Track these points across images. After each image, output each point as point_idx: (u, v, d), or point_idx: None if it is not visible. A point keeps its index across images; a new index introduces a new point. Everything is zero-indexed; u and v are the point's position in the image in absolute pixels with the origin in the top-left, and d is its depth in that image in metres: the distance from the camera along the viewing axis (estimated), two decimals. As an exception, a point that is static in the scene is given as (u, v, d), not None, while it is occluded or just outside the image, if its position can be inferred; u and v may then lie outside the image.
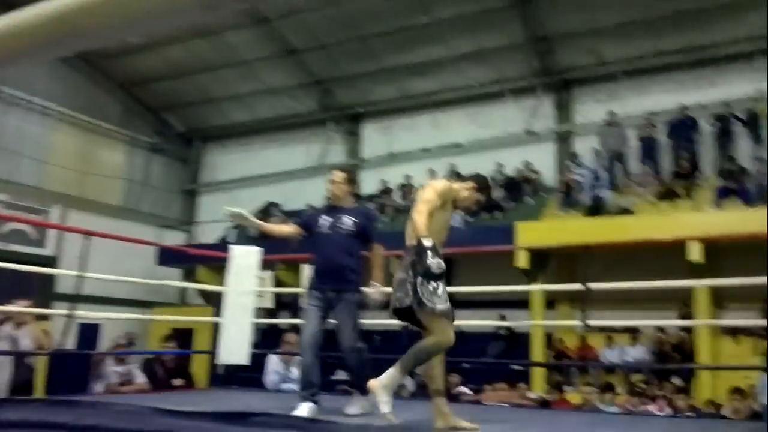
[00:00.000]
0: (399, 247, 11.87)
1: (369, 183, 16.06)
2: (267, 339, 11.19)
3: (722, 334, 10.55)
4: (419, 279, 3.38)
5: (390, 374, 3.33)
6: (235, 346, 5.11)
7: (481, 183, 3.93)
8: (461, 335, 13.43)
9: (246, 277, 5.28)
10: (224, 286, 5.28)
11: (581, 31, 13.28)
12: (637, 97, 13.50)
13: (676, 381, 9.06)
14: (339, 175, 4.35)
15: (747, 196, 10.97)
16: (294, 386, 5.56)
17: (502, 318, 11.82)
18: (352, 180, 4.49)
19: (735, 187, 11.18)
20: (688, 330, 10.18)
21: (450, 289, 12.33)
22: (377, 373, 3.38)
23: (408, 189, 15.18)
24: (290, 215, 16.12)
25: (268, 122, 17.76)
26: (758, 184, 11.07)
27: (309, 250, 4.45)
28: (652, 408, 6.43)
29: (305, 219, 4.47)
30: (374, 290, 4.25)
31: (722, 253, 10.29)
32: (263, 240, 15.36)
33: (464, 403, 6.16)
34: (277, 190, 17.19)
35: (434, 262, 3.32)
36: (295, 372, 5.63)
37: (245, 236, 15.12)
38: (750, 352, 10.22)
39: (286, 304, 13.85)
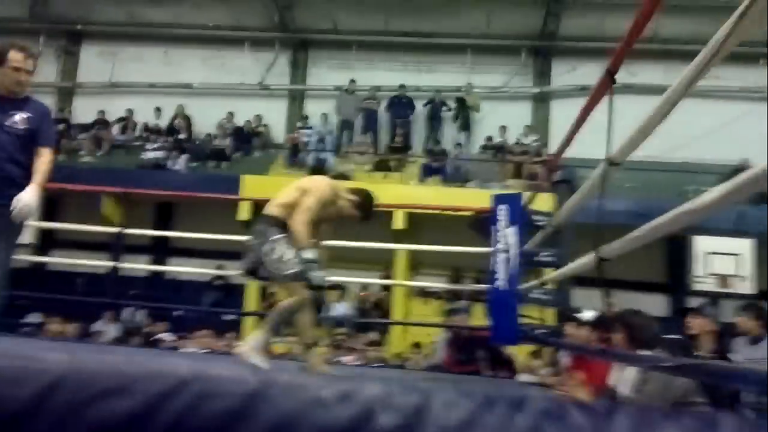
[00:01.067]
0: (113, 184, 11.01)
1: (84, 111, 14.59)
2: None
3: (415, 295, 11.92)
4: (267, 247, 3.47)
5: (256, 336, 3.48)
6: None
7: (365, 202, 3.71)
8: (176, 283, 13.03)
9: None
10: None
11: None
12: (367, 70, 14.32)
13: (372, 335, 10.00)
14: (34, 57, 3.33)
15: (446, 174, 12.44)
16: None
17: (219, 268, 11.77)
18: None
19: (438, 166, 12.59)
20: (387, 289, 11.26)
21: (168, 233, 11.74)
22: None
23: (129, 123, 14.13)
24: None
25: (-41, 21, 14.94)
26: (456, 165, 12.63)
27: None
28: (345, 359, 7.01)
29: None
30: (26, 197, 3.33)
31: (422, 224, 11.57)
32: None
33: (162, 349, 6.04)
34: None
35: (317, 277, 3.39)
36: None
37: None
38: (436, 312, 11.74)
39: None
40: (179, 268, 12.11)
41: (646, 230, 1.80)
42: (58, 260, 11.55)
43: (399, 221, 10.47)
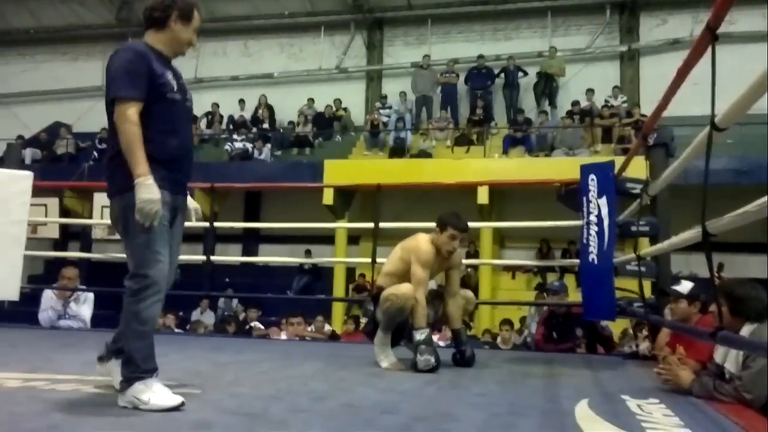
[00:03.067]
0: (202, 178, 11.34)
1: (172, 108, 15.14)
2: (51, 272, 10.27)
3: (502, 270, 11.68)
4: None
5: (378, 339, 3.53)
6: (2, 281, 4.59)
7: (445, 222, 3.51)
8: (268, 269, 13.43)
9: (14, 204, 4.70)
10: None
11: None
12: (443, 44, 14.04)
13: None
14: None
15: (530, 145, 12.03)
16: (72, 323, 5.17)
17: (308, 252, 11.99)
18: None
19: (521, 136, 12.20)
20: (474, 267, 11.09)
21: (258, 225, 12.09)
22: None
23: (215, 117, 14.54)
24: (82, 138, 14.75)
25: (56, 32, 15.83)
26: (540, 134, 12.19)
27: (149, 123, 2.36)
28: (435, 338, 6.94)
29: (146, 78, 2.37)
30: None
31: (507, 196, 11.27)
32: (50, 163, 13.99)
33: (254, 338, 6.18)
34: (67, 108, 15.53)
35: (423, 361, 3.27)
36: (73, 308, 5.22)
37: (22, 160, 13.57)
38: (524, 286, 11.47)
39: (75, 235, 12.81)
40: (268, 258, 12.45)
41: (760, 205, 1.58)
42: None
43: (483, 196, 10.24)
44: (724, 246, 8.16)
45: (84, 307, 5.30)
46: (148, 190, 2.24)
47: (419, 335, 3.33)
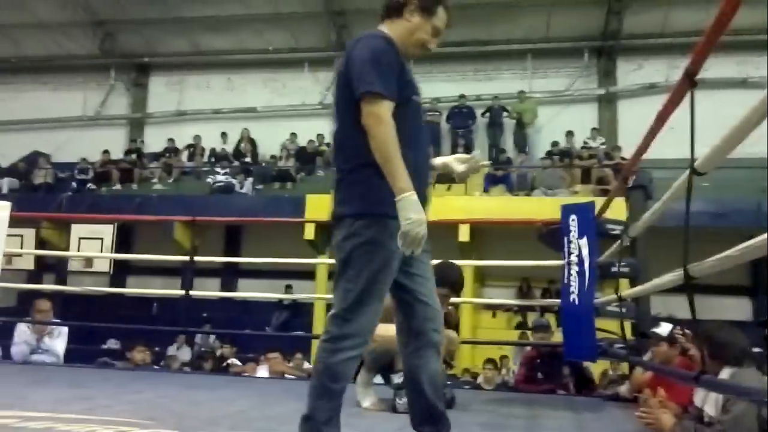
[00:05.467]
0: (184, 211, 11.28)
1: (154, 140, 15.11)
2: (24, 304, 10.04)
3: (482, 308, 11.67)
4: None
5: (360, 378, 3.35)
6: (-25, 315, 4.50)
7: (444, 281, 3.13)
8: (247, 304, 13.24)
9: (-10, 236, 4.63)
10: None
11: (375, 9, 13.38)
12: (425, 82, 14.13)
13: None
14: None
15: (511, 183, 12.16)
16: (46, 358, 5.04)
17: (288, 288, 11.90)
18: None
19: (501, 175, 12.33)
20: (455, 305, 11.06)
21: (238, 259, 11.92)
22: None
23: (197, 149, 14.52)
24: (61, 168, 14.63)
25: (37, 61, 15.80)
26: (520, 174, 12.34)
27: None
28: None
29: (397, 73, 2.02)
30: None
31: (488, 235, 11.33)
32: (27, 193, 13.82)
33: (232, 375, 6.08)
34: (46, 138, 15.42)
35: (401, 404, 3.14)
36: (47, 342, 5.09)
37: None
38: (505, 325, 11.46)
39: (50, 266, 12.58)
40: (247, 294, 12.33)
41: (743, 250, 1.60)
42: (130, 291, 11.94)
43: (465, 233, 10.27)
44: (702, 288, 8.26)
45: (58, 341, 5.18)
46: (416, 209, 1.83)
47: (398, 378, 3.31)
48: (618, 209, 4.45)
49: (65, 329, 5.33)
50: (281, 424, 2.77)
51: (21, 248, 9.59)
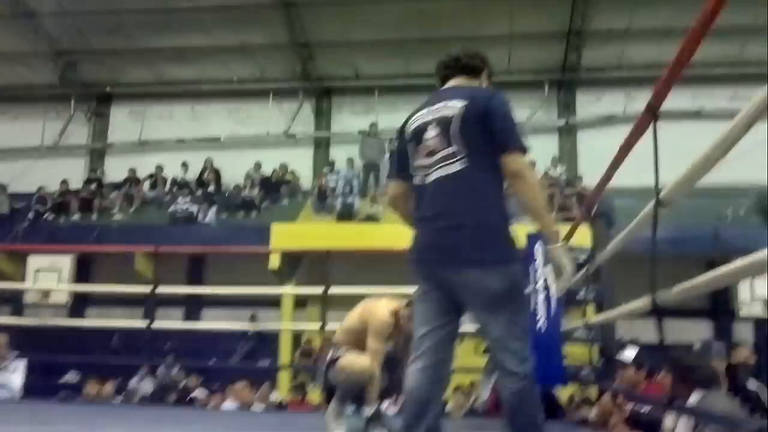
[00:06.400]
0: (145, 240, 11.08)
1: (115, 170, 14.88)
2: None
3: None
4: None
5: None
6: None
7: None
8: (211, 334, 13.01)
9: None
10: None
11: (340, 42, 13.76)
12: (389, 113, 14.39)
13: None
14: None
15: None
16: (2, 393, 4.87)
17: (253, 317, 11.74)
18: None
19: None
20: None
21: (199, 290, 11.80)
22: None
23: (158, 179, 14.35)
24: (18, 199, 14.27)
25: (-5, 90, 15.49)
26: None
27: None
28: (384, 405, 6.82)
29: None
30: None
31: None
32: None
33: (197, 408, 5.96)
34: (3, 168, 15.05)
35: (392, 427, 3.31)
36: (2, 377, 4.93)
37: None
38: (472, 351, 11.46)
39: (5, 299, 12.20)
40: (212, 325, 12.14)
41: (709, 279, 1.67)
42: (90, 323, 11.65)
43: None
44: (665, 311, 8.44)
45: (15, 375, 5.04)
46: (567, 252, 2.11)
47: (368, 411, 3.32)
48: (581, 237, 4.56)
49: (22, 363, 5.18)
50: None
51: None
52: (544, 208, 2.07)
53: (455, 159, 2.07)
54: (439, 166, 2.10)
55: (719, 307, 11.47)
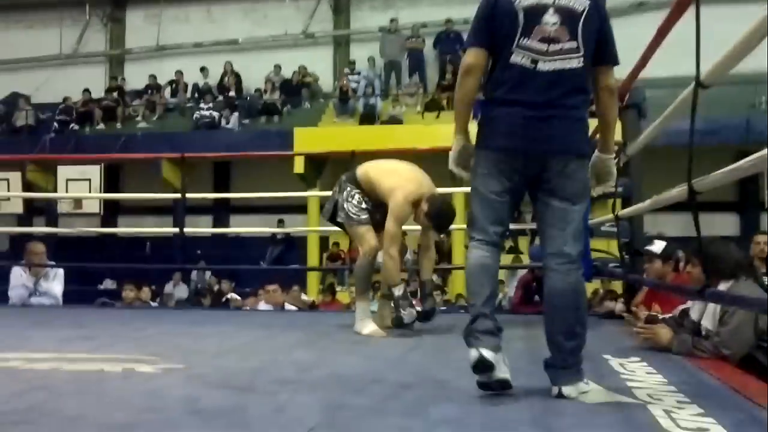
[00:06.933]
0: (169, 148, 11.11)
1: (135, 77, 14.74)
2: (17, 248, 10.03)
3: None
4: (343, 195, 3.54)
5: (357, 310, 3.49)
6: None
7: (437, 215, 3.45)
8: (240, 240, 13.35)
9: (-21, 181, 4.55)
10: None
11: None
12: (410, 8, 13.85)
13: (435, 278, 9.97)
14: None
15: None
16: (44, 300, 5.05)
17: (281, 222, 11.92)
18: None
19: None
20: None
21: (229, 195, 11.95)
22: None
23: (179, 85, 14.20)
24: (41, 109, 14.31)
25: (9, -1, 15.20)
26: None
27: None
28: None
29: None
30: None
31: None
32: (10, 136, 13.57)
33: (232, 310, 6.15)
34: (24, 79, 15.01)
35: (408, 315, 3.34)
36: (44, 285, 5.09)
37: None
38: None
39: (39, 210, 12.51)
40: (241, 230, 12.36)
41: (749, 162, 1.59)
42: (125, 230, 11.92)
43: (455, 161, 10.22)
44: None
45: (55, 283, 5.19)
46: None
47: (397, 291, 3.34)
48: (611, 129, 4.41)
49: (61, 271, 5.32)
50: (288, 353, 2.82)
51: (8, 191, 9.51)
52: (615, 123, 2.21)
53: (577, 55, 2.06)
54: (560, 57, 2.06)
55: (748, 199, 11.29)
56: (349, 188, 3.55)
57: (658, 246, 3.74)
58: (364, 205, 3.50)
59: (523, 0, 2.07)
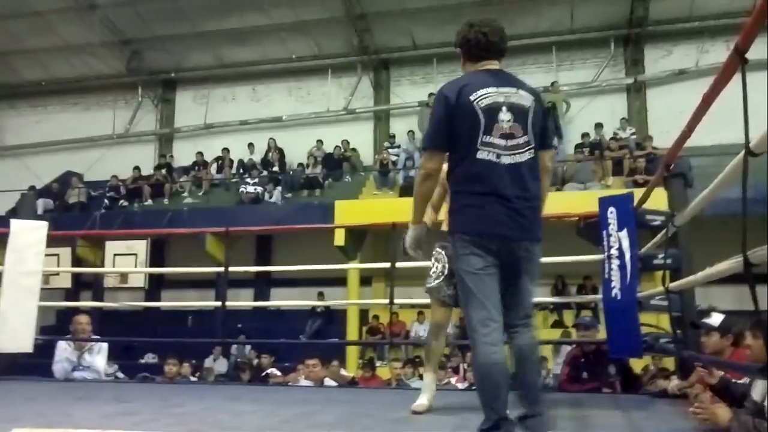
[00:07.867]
0: (214, 222, 11.24)
1: (184, 154, 15.27)
2: (63, 322, 10.21)
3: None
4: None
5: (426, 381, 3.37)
6: (16, 332, 4.53)
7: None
8: (281, 313, 13.31)
9: (29, 255, 4.68)
10: (1, 266, 4.66)
11: (395, 11, 13.53)
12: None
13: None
14: None
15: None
16: (87, 374, 5.07)
17: (321, 295, 11.90)
18: None
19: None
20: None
21: (270, 268, 11.97)
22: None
23: (225, 161, 14.64)
24: (93, 186, 14.87)
25: (66, 83, 16.10)
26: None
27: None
28: (453, 380, 6.78)
29: None
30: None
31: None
32: (62, 213, 14.07)
33: (272, 386, 6.06)
34: (78, 158, 15.71)
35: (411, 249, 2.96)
36: (87, 359, 5.13)
37: (35, 211, 13.62)
38: (541, 324, 11.29)
39: (86, 284, 12.78)
40: (282, 303, 12.36)
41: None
42: (168, 304, 12.03)
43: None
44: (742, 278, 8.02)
45: (98, 357, 5.22)
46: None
47: (411, 231, 2.85)
48: (656, 199, 4.32)
49: (105, 345, 5.36)
50: (326, 433, 2.73)
51: (58, 267, 9.77)
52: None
53: (529, 147, 2.36)
54: (518, 151, 2.33)
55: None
56: (436, 249, 3.43)
57: (716, 319, 3.57)
58: (440, 268, 3.34)
59: (482, 100, 2.31)
